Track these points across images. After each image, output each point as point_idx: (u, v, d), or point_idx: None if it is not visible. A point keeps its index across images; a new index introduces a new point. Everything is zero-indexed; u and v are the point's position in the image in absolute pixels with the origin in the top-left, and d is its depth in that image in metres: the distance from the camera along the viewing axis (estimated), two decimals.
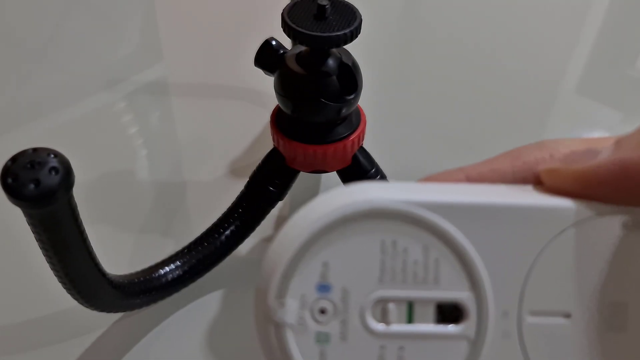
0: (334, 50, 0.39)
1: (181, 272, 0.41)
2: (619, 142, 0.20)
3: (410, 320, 0.19)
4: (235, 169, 0.51)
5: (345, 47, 0.39)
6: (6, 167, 0.26)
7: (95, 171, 0.50)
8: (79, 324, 0.41)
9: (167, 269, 0.40)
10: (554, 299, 0.20)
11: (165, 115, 0.58)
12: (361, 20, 0.38)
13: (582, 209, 0.20)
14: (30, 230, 0.29)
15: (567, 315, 0.20)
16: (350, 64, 0.40)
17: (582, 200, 0.20)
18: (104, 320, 0.41)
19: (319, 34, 0.37)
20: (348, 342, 0.19)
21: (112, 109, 0.57)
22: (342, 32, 0.37)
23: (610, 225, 0.20)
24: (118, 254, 0.44)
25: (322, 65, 0.39)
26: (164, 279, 0.40)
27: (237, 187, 0.45)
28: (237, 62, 0.58)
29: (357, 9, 0.38)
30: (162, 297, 0.41)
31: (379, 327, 0.19)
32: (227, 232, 0.42)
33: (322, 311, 0.19)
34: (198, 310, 0.43)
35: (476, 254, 0.19)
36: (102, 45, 0.63)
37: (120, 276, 0.38)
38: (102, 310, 0.36)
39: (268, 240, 0.48)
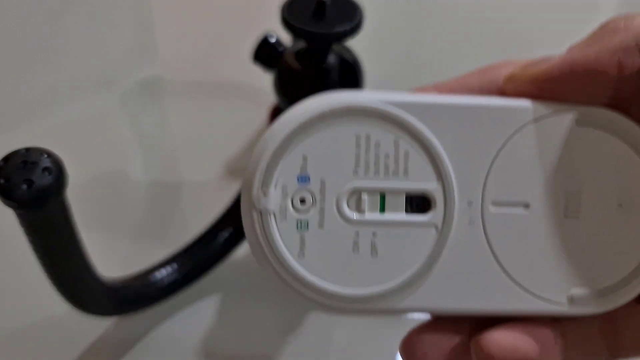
0: (335, 46, 0.39)
1: (176, 276, 0.40)
2: (570, 48, 0.22)
3: (382, 209, 0.22)
4: (232, 170, 0.51)
5: (348, 43, 0.39)
6: None
7: (89, 172, 0.50)
8: (72, 329, 0.40)
9: (162, 272, 0.40)
10: (514, 190, 0.22)
11: (160, 114, 0.58)
12: (362, 16, 0.37)
13: (539, 107, 0.22)
14: (21, 232, 0.28)
15: (526, 205, 0.22)
16: (351, 61, 0.39)
17: (538, 101, 0.22)
18: (97, 325, 0.41)
19: (318, 30, 0.36)
20: (325, 229, 0.21)
21: (107, 109, 0.56)
22: (342, 28, 0.36)
23: (564, 122, 0.22)
24: (112, 257, 0.44)
25: (322, 62, 0.38)
26: (158, 283, 0.40)
27: (234, 187, 0.44)
28: (234, 59, 0.58)
29: (358, 4, 0.38)
30: (157, 302, 0.40)
31: (354, 215, 0.22)
32: (224, 234, 0.42)
33: (302, 200, 0.21)
34: (194, 315, 0.42)
35: (442, 148, 0.22)
36: (96, 44, 0.63)
37: (114, 280, 0.37)
38: (95, 315, 0.36)
39: None
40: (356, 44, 0.41)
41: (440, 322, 0.23)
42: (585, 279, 0.22)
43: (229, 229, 0.42)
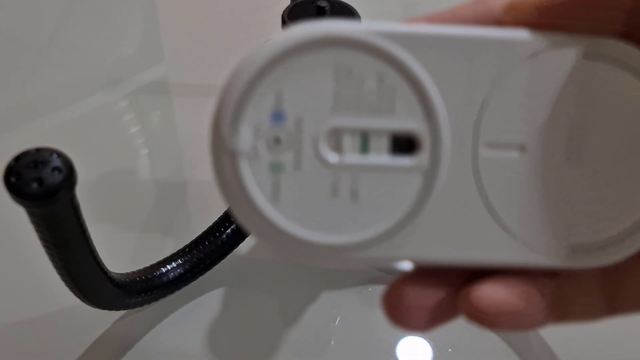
0: None
1: (182, 271, 0.41)
2: None
3: (364, 150, 0.19)
4: None
5: None
6: (10, 166, 0.26)
7: (97, 170, 0.50)
8: (81, 322, 0.41)
9: (168, 267, 0.40)
10: (510, 130, 0.20)
11: (166, 114, 0.58)
12: (360, 21, 0.38)
13: (541, 39, 0.19)
14: (32, 229, 0.28)
15: (523, 148, 0.20)
16: None
17: (540, 31, 0.19)
18: (106, 318, 0.41)
19: None
20: (302, 172, 0.19)
21: (114, 109, 0.57)
22: None
23: (569, 55, 0.19)
24: (120, 253, 0.44)
25: None
26: (165, 278, 0.40)
27: None
28: (238, 60, 0.58)
29: (356, 11, 0.38)
30: (163, 296, 0.41)
31: (333, 157, 0.19)
32: (228, 230, 0.42)
33: (276, 140, 0.19)
34: (199, 309, 0.43)
35: (431, 84, 0.19)
36: (104, 44, 0.63)
37: (122, 274, 0.38)
38: (103, 308, 0.36)
39: None
40: None
41: (426, 274, 0.21)
42: (586, 230, 0.20)
43: (233, 225, 0.42)
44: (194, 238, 0.43)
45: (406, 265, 0.21)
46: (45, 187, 0.26)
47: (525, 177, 0.20)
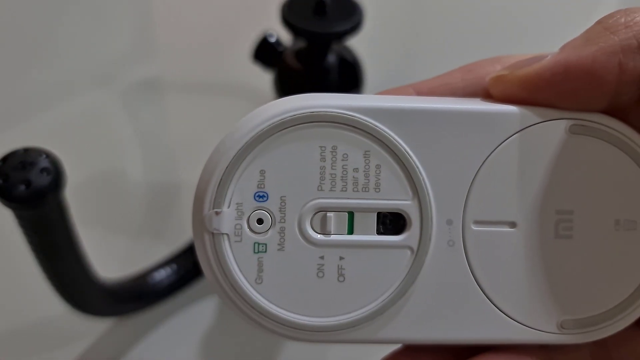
0: (335, 46, 0.39)
1: (176, 277, 0.40)
2: (563, 46, 0.20)
3: (350, 230, 0.19)
4: None
5: (349, 42, 0.39)
6: None
7: (87, 172, 0.49)
8: (69, 331, 0.40)
9: (161, 273, 0.40)
10: (500, 208, 0.20)
11: (159, 113, 0.58)
12: (363, 15, 0.37)
13: (528, 114, 0.20)
14: (18, 232, 0.28)
15: (513, 225, 0.20)
16: (351, 61, 0.39)
17: (527, 107, 0.20)
18: (95, 327, 0.40)
19: (318, 28, 0.36)
20: (286, 252, 0.19)
21: (105, 107, 0.56)
22: (342, 27, 0.36)
23: (555, 130, 0.20)
24: (110, 257, 0.43)
25: (322, 61, 0.38)
26: (157, 284, 0.39)
27: None
28: (233, 58, 0.57)
29: (359, 3, 0.38)
30: (156, 303, 0.40)
31: (318, 236, 0.19)
32: None
33: (260, 220, 0.19)
34: (192, 317, 0.42)
35: (418, 161, 0.19)
36: (96, 42, 0.62)
37: (112, 280, 0.37)
38: (93, 316, 0.36)
39: None
40: (356, 44, 0.41)
41: (416, 352, 0.21)
42: (577, 306, 0.20)
43: None
44: (187, 243, 0.42)
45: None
46: (33, 190, 0.25)
47: (515, 253, 0.20)
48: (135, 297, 0.39)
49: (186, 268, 0.41)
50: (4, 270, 0.43)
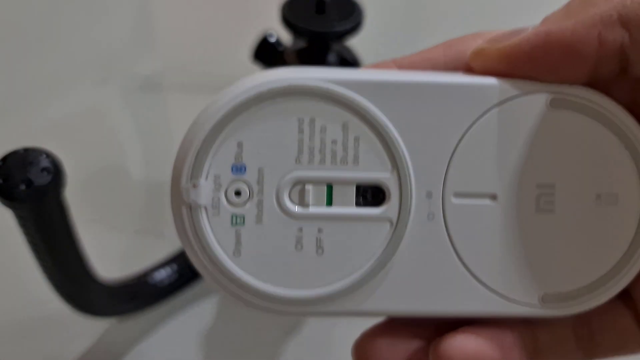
0: (335, 45, 0.39)
1: (176, 277, 0.40)
2: (544, 19, 0.19)
3: (329, 202, 0.19)
4: None
5: (349, 42, 0.39)
6: None
7: (87, 170, 0.49)
8: (69, 331, 0.40)
9: (161, 273, 0.40)
10: (480, 180, 0.20)
11: (159, 112, 0.58)
12: (363, 15, 0.37)
13: (507, 87, 0.19)
14: (18, 231, 0.28)
15: (494, 197, 0.20)
16: (351, 60, 0.39)
17: (507, 79, 0.20)
18: (95, 327, 0.40)
19: (318, 28, 0.36)
20: (264, 224, 0.19)
21: (105, 105, 0.56)
22: (342, 27, 0.36)
23: (536, 104, 0.20)
24: (110, 257, 0.43)
25: (322, 61, 0.38)
26: (158, 284, 0.39)
27: None
28: (233, 58, 0.57)
29: (359, 3, 0.38)
30: (156, 303, 0.40)
31: (296, 208, 0.19)
32: None
33: (237, 193, 0.19)
34: (193, 318, 0.42)
35: (397, 133, 0.19)
36: (95, 38, 0.62)
37: (112, 280, 0.37)
38: (93, 315, 0.36)
39: None
40: (357, 44, 0.41)
41: (397, 324, 0.21)
42: (559, 280, 0.20)
43: None
44: None
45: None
46: (33, 189, 0.25)
47: (496, 226, 0.20)
48: (136, 296, 0.39)
49: (186, 268, 0.41)
50: (4, 270, 0.43)
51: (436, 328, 0.20)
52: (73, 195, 0.29)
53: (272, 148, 0.19)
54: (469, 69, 0.21)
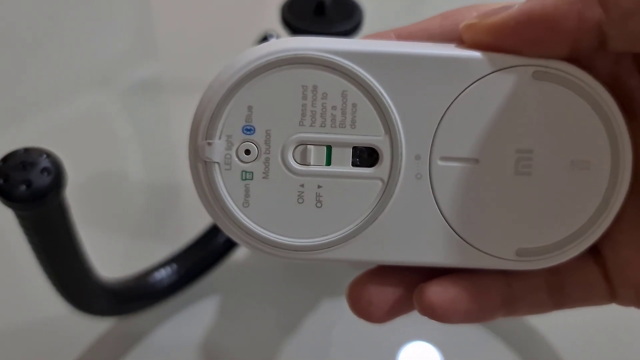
0: None
1: (176, 277, 0.40)
2: None
3: (328, 162, 0.22)
4: None
5: None
6: None
7: (88, 172, 0.49)
8: (72, 329, 0.40)
9: (162, 273, 0.40)
10: (464, 146, 0.22)
11: (159, 114, 0.58)
12: (362, 15, 0.37)
13: (494, 60, 0.21)
14: (19, 232, 0.28)
15: (476, 162, 0.22)
16: None
17: (494, 53, 0.21)
18: (96, 326, 0.40)
19: (318, 29, 0.36)
20: (270, 180, 0.21)
21: (106, 108, 0.56)
22: (342, 28, 0.36)
23: (519, 76, 0.21)
24: (111, 257, 0.43)
25: None
26: (158, 284, 0.39)
27: None
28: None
29: (358, 4, 0.38)
30: (157, 302, 0.40)
31: (299, 167, 0.21)
32: (224, 235, 0.41)
33: (247, 151, 0.21)
34: (194, 316, 0.42)
35: (391, 101, 0.21)
36: (96, 42, 0.63)
37: (113, 280, 0.37)
38: (93, 316, 0.36)
39: None
40: None
41: (386, 271, 0.23)
42: (533, 236, 0.22)
43: None
44: (188, 242, 0.42)
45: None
46: (34, 190, 0.25)
47: (477, 187, 0.22)
48: (136, 297, 0.39)
49: (186, 268, 0.41)
50: (4, 270, 0.43)
51: (421, 276, 0.23)
52: (73, 197, 0.29)
53: (279, 112, 0.21)
54: (462, 41, 0.22)
